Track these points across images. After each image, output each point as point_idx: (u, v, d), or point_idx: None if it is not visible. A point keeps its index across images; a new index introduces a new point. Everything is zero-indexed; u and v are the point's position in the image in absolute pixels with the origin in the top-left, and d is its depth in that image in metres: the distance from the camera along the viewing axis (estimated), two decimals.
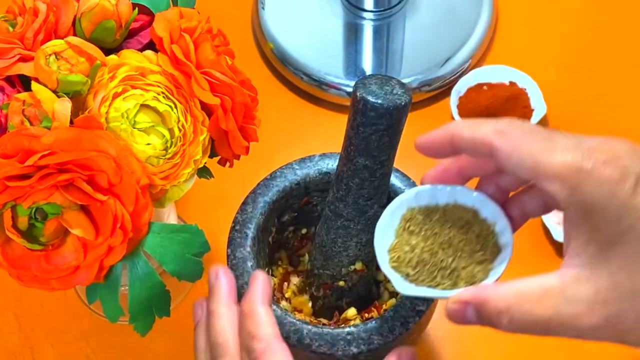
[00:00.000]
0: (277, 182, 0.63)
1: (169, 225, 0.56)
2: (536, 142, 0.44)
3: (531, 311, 0.43)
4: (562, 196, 0.43)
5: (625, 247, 0.42)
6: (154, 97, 0.54)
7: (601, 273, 0.42)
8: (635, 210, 0.42)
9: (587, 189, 0.42)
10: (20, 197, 0.50)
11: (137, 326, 0.56)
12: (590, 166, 0.42)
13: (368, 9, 0.89)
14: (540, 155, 0.43)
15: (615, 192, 0.42)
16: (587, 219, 0.43)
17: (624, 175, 0.42)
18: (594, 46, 0.90)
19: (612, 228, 0.42)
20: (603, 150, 0.43)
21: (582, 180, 0.42)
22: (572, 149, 0.43)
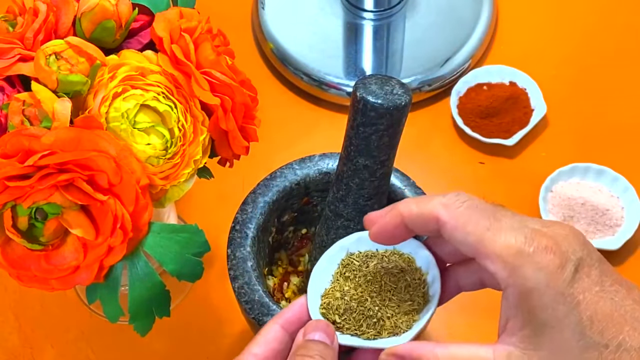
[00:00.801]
0: (277, 182, 0.63)
1: (169, 225, 0.56)
2: (481, 220, 0.44)
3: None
4: (502, 276, 0.44)
5: (557, 334, 0.43)
6: (154, 97, 0.54)
7: (531, 356, 0.43)
8: (571, 299, 0.42)
9: (527, 273, 0.43)
10: (20, 197, 0.50)
11: (137, 326, 0.56)
12: (532, 250, 0.43)
13: (368, 9, 0.89)
14: (484, 234, 0.44)
15: (553, 279, 0.43)
16: (524, 302, 0.43)
17: (563, 262, 0.43)
18: (593, 46, 0.90)
19: (547, 314, 0.43)
20: (545, 234, 0.44)
21: (522, 264, 0.43)
22: (516, 230, 0.44)
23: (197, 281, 0.57)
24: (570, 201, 0.78)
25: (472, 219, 0.44)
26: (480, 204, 0.45)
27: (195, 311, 0.75)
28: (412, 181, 0.63)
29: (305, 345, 0.47)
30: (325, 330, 0.48)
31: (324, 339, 0.48)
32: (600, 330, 0.42)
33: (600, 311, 0.43)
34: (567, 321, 0.42)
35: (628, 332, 0.42)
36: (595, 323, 0.42)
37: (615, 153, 0.82)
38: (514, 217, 0.45)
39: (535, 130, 0.83)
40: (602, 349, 0.42)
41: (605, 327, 0.42)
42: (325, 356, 0.47)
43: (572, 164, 0.79)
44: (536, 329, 0.43)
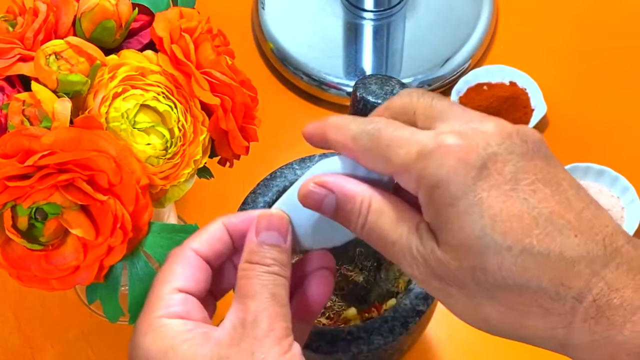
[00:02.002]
0: (277, 182, 0.63)
1: (169, 225, 0.56)
2: (382, 143, 0.42)
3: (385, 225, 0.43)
4: (412, 185, 0.42)
5: (458, 231, 0.40)
6: (154, 97, 0.54)
7: (440, 246, 0.41)
8: (473, 195, 0.40)
9: (429, 171, 0.40)
10: (20, 197, 0.50)
11: None
12: (433, 150, 0.41)
13: (368, 9, 0.89)
14: (386, 154, 0.42)
15: (456, 175, 0.40)
16: (430, 201, 0.41)
17: (468, 157, 0.40)
18: (594, 46, 0.90)
19: (448, 210, 0.40)
20: (455, 131, 0.41)
21: (425, 165, 0.41)
22: (418, 135, 0.42)
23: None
24: None
25: (373, 144, 0.42)
26: (385, 125, 0.43)
27: None
28: None
29: (259, 251, 0.45)
30: (278, 227, 0.46)
31: (278, 241, 0.46)
32: (503, 231, 0.39)
33: (507, 211, 0.39)
34: (467, 218, 0.40)
35: (537, 235, 0.39)
36: (498, 223, 0.39)
37: (615, 153, 0.82)
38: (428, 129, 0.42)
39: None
40: (503, 251, 0.39)
41: (510, 228, 0.39)
42: (281, 261, 0.45)
43: (572, 164, 0.79)
44: (439, 226, 0.41)
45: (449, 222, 0.40)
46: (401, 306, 0.58)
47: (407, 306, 0.57)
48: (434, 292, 0.43)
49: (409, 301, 0.58)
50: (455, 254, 0.41)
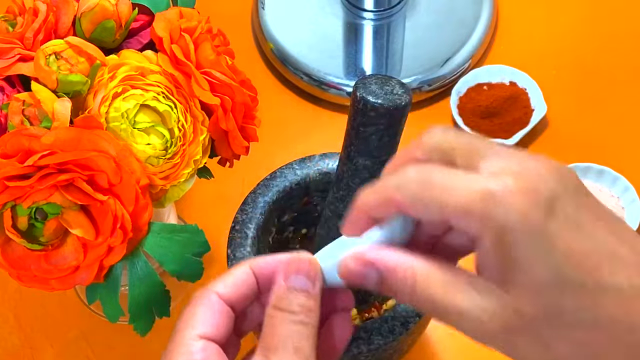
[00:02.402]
0: (277, 182, 0.63)
1: (169, 225, 0.56)
2: (435, 189, 0.41)
3: (433, 297, 0.43)
4: (475, 227, 0.41)
5: (531, 273, 0.40)
6: (154, 97, 0.54)
7: (507, 293, 0.41)
8: (545, 237, 0.40)
9: (498, 216, 0.40)
10: (20, 197, 0.50)
11: (137, 326, 0.56)
12: (500, 193, 0.40)
13: (368, 9, 0.89)
14: (442, 199, 0.41)
15: (526, 218, 0.40)
16: (498, 244, 0.41)
17: (536, 200, 0.40)
18: (594, 46, 0.90)
19: (520, 252, 0.40)
20: (514, 172, 0.41)
21: (491, 208, 0.40)
22: (475, 179, 0.41)
23: (197, 281, 0.57)
24: None
25: (426, 193, 0.41)
26: (430, 171, 0.42)
27: None
28: None
29: (286, 297, 0.44)
30: (308, 271, 0.45)
31: (307, 286, 0.45)
32: (576, 268, 0.39)
33: (577, 248, 0.40)
34: (540, 259, 0.40)
35: (608, 270, 0.40)
36: (570, 260, 0.39)
37: (615, 153, 0.82)
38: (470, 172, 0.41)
39: (535, 130, 0.83)
40: (578, 288, 0.39)
41: (582, 264, 0.40)
42: (309, 308, 0.44)
43: (572, 164, 0.79)
44: (509, 269, 0.40)
45: (521, 264, 0.40)
46: (401, 306, 0.58)
47: (407, 306, 0.57)
48: (496, 346, 0.43)
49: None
50: (529, 297, 0.41)
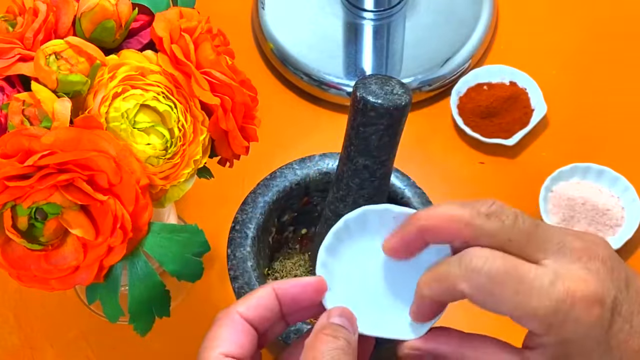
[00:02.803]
0: (277, 182, 0.63)
1: (169, 225, 0.56)
2: (507, 288, 0.43)
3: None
4: (541, 331, 0.43)
5: None
6: (154, 97, 0.54)
7: None
8: (605, 346, 0.43)
9: (567, 328, 0.43)
10: (20, 197, 0.50)
11: (137, 326, 0.56)
12: (569, 306, 0.42)
13: (368, 9, 0.89)
14: (513, 299, 0.43)
15: (592, 330, 0.43)
16: (561, 350, 0.43)
17: (601, 311, 0.43)
18: (594, 46, 0.90)
19: (587, 357, 0.43)
20: (579, 278, 0.43)
21: (562, 321, 0.43)
22: (547, 287, 0.43)
23: (197, 281, 0.57)
24: (571, 201, 0.78)
25: (497, 290, 0.43)
26: (500, 266, 0.43)
27: (195, 311, 0.75)
28: (412, 181, 0.63)
29: (331, 326, 0.46)
30: (350, 318, 0.47)
31: (347, 325, 0.46)
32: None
33: (630, 350, 0.43)
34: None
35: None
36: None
37: (615, 153, 0.82)
38: (540, 271, 0.43)
39: (535, 130, 0.83)
40: None
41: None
42: (350, 341, 0.46)
43: (572, 164, 0.79)
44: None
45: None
46: None
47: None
48: None
49: None
50: None
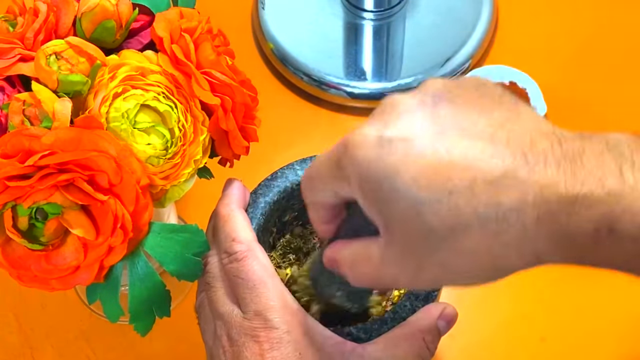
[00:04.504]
0: (277, 182, 0.63)
1: (169, 225, 0.56)
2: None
3: (360, 273, 0.47)
4: (348, 189, 0.44)
5: (393, 208, 0.41)
6: (154, 97, 0.54)
7: (394, 236, 0.43)
8: (390, 169, 0.41)
9: (352, 171, 0.43)
10: (21, 197, 0.50)
11: (137, 326, 0.56)
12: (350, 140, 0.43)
13: (368, 9, 0.89)
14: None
15: (370, 153, 0.41)
16: (364, 195, 0.43)
17: (374, 132, 0.42)
18: (594, 46, 0.90)
19: (381, 195, 0.41)
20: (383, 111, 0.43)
21: (344, 167, 0.43)
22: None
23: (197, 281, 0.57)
24: None
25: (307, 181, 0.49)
26: None
27: None
28: None
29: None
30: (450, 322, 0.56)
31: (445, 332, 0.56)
32: (427, 186, 0.40)
33: (425, 167, 0.40)
34: (395, 194, 0.41)
35: (457, 174, 0.40)
36: (420, 182, 0.40)
37: None
38: None
39: None
40: (435, 205, 0.40)
41: (431, 181, 0.40)
42: None
43: None
44: (380, 212, 0.42)
45: (384, 203, 0.42)
46: (401, 307, 0.58)
47: (407, 307, 0.57)
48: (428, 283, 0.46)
49: (409, 302, 0.58)
50: (404, 224, 0.42)
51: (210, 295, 0.54)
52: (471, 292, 0.74)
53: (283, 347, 0.51)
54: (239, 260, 0.53)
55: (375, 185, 0.41)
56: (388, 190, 0.41)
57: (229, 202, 0.56)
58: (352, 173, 0.43)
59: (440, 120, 0.41)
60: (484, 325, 0.74)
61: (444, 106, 0.42)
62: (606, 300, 0.74)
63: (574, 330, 0.73)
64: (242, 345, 0.51)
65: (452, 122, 0.41)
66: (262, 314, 0.52)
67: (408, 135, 0.41)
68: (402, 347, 0.53)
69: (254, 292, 0.52)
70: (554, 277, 0.75)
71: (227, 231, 0.55)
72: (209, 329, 0.55)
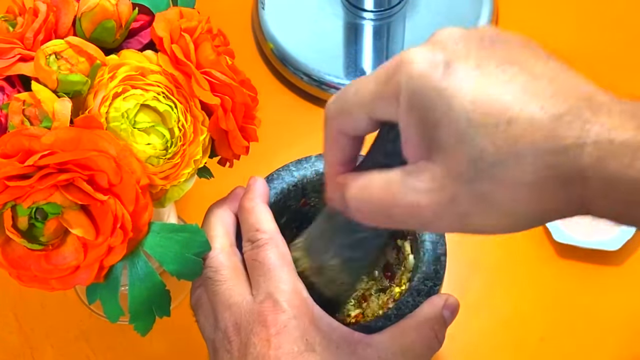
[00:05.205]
0: (274, 184, 0.63)
1: (169, 225, 0.56)
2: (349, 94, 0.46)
3: (371, 197, 0.44)
4: (392, 108, 0.43)
5: (444, 130, 0.40)
6: (154, 97, 0.54)
7: (435, 160, 0.41)
8: (447, 93, 0.40)
9: (401, 81, 0.42)
10: (20, 197, 0.50)
11: (137, 326, 0.56)
12: (403, 61, 0.42)
13: (368, 9, 0.89)
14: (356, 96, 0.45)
15: (426, 80, 0.41)
16: (412, 114, 0.42)
17: (432, 62, 0.41)
18: (594, 46, 0.90)
19: (433, 115, 0.41)
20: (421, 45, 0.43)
21: (395, 77, 0.42)
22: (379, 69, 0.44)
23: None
24: None
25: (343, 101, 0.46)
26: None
27: None
28: None
29: None
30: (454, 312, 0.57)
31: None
32: (485, 113, 0.39)
33: (485, 93, 0.40)
34: (450, 114, 0.40)
35: (518, 105, 0.39)
36: (478, 105, 0.40)
37: None
38: None
39: None
40: (491, 129, 0.39)
41: (491, 108, 0.39)
42: None
43: None
44: (431, 135, 0.41)
45: (434, 126, 0.41)
46: (404, 303, 0.58)
47: (410, 303, 0.57)
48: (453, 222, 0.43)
49: (412, 298, 0.57)
50: (453, 154, 0.40)
51: (214, 288, 0.55)
52: (471, 292, 0.74)
53: (290, 332, 0.51)
54: (260, 247, 0.55)
55: (429, 103, 0.41)
56: (443, 109, 0.40)
57: (253, 197, 0.58)
58: (405, 89, 0.42)
59: (499, 56, 0.41)
60: (484, 325, 0.74)
61: (502, 46, 0.42)
62: (606, 300, 0.74)
63: (574, 330, 0.73)
64: (250, 332, 0.52)
65: (510, 60, 0.41)
66: (272, 296, 0.52)
67: (468, 61, 0.41)
68: (411, 337, 0.54)
69: (268, 275, 0.53)
70: (554, 277, 0.76)
71: (251, 222, 0.56)
72: (209, 323, 0.55)
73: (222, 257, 0.56)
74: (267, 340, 0.51)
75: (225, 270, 0.55)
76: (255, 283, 0.54)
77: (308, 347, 0.51)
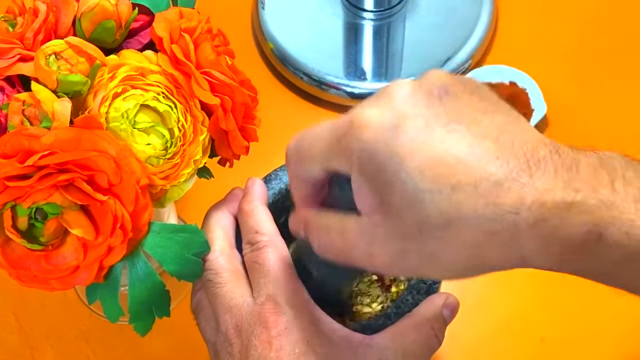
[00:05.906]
0: (272, 184, 0.63)
1: (169, 225, 0.56)
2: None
3: (329, 241, 0.47)
4: (345, 166, 0.44)
5: (392, 192, 0.42)
6: (154, 97, 0.54)
7: (386, 217, 0.43)
8: (397, 154, 0.41)
9: (354, 146, 0.43)
10: (20, 197, 0.50)
11: (137, 326, 0.56)
12: (355, 121, 0.43)
13: (368, 9, 0.89)
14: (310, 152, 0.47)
15: (380, 137, 0.42)
16: (363, 175, 0.43)
17: (382, 124, 0.42)
18: (594, 46, 0.90)
19: (384, 176, 0.42)
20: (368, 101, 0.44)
21: (349, 141, 0.43)
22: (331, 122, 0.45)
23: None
24: None
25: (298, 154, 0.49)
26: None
27: None
28: None
29: None
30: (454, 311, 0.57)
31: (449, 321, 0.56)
32: (431, 177, 0.41)
33: (431, 157, 0.41)
34: (398, 179, 0.41)
35: (462, 171, 0.41)
36: (425, 170, 0.41)
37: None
38: None
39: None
40: (436, 196, 0.41)
41: (437, 173, 0.41)
42: None
43: None
44: (377, 192, 0.43)
45: (383, 184, 0.42)
46: (403, 302, 0.58)
47: (409, 301, 0.57)
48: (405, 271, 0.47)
49: (411, 297, 0.58)
50: (399, 211, 0.42)
51: (215, 291, 0.55)
52: (471, 292, 0.74)
53: (291, 334, 0.51)
54: (260, 249, 0.55)
55: (378, 166, 0.42)
56: (391, 173, 0.42)
57: (252, 199, 0.58)
58: (356, 151, 0.43)
59: (447, 114, 0.42)
60: (484, 325, 0.74)
61: (450, 100, 0.43)
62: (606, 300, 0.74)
63: (574, 330, 0.73)
64: (251, 334, 0.52)
65: (458, 117, 0.42)
66: (273, 297, 0.53)
67: (416, 121, 0.42)
68: (411, 336, 0.54)
69: (268, 276, 0.54)
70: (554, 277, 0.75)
71: (250, 224, 0.57)
72: (210, 326, 0.55)
73: (222, 259, 0.56)
74: (268, 342, 0.51)
75: (225, 273, 0.55)
76: (256, 285, 0.54)
77: (309, 349, 0.51)
